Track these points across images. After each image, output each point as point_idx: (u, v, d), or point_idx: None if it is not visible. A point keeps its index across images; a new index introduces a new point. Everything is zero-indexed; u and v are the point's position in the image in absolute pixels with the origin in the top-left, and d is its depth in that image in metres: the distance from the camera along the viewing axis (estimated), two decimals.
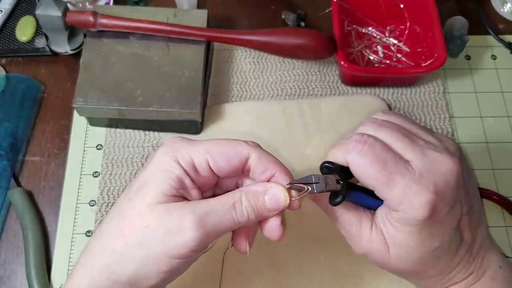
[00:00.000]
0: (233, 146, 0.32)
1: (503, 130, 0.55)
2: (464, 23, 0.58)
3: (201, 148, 0.31)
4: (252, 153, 0.32)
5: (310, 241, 0.48)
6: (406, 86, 0.57)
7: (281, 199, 0.31)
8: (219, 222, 0.30)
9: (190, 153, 0.31)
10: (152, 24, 0.51)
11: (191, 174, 0.31)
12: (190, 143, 0.32)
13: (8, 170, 0.51)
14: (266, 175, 0.32)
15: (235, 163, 0.32)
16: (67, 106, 0.55)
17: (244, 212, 0.31)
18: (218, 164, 0.31)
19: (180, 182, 0.31)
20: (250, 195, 0.31)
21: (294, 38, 0.51)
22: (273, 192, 0.31)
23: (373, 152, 0.32)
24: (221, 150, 0.31)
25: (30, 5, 0.60)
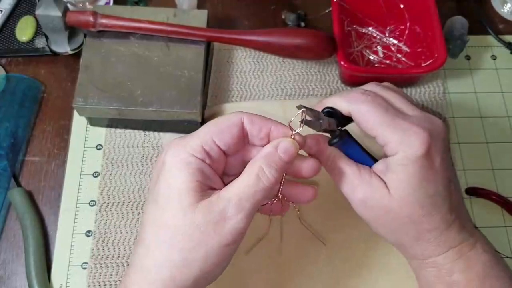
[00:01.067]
0: (226, 119, 0.34)
1: (503, 130, 0.55)
2: (464, 23, 0.58)
3: (203, 133, 0.33)
4: (243, 117, 0.34)
5: (310, 240, 0.48)
6: (406, 86, 0.57)
7: (292, 147, 0.34)
8: (253, 197, 0.32)
9: (197, 142, 0.33)
10: (152, 24, 0.51)
11: (208, 162, 0.33)
12: (191, 135, 0.34)
13: (8, 170, 0.51)
14: (263, 133, 0.35)
15: (235, 132, 0.34)
16: (67, 106, 0.55)
17: (270, 176, 0.33)
18: (223, 139, 0.33)
19: (202, 173, 0.32)
20: (266, 159, 0.33)
21: (294, 38, 0.51)
22: (283, 146, 0.34)
23: (375, 101, 0.36)
24: (219, 126, 0.34)
25: (30, 5, 0.60)
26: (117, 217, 0.49)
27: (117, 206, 0.50)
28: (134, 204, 0.50)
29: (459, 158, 0.53)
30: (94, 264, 0.47)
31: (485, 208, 0.51)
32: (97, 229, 0.49)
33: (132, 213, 0.50)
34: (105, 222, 0.49)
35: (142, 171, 0.52)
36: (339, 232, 0.48)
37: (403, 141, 0.35)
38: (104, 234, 0.49)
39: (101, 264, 0.47)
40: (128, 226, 0.49)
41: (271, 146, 0.34)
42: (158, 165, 0.34)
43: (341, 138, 0.37)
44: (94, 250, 0.48)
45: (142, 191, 0.51)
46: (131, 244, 0.48)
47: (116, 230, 0.49)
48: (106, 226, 0.49)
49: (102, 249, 0.48)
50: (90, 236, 0.49)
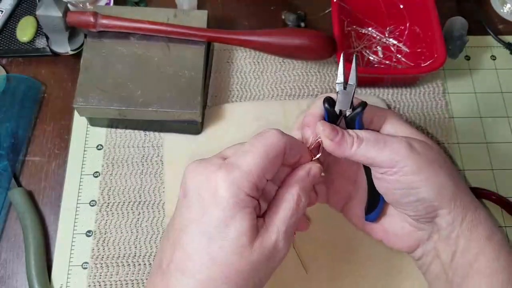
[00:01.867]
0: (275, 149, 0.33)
1: (502, 130, 0.56)
2: (464, 24, 0.58)
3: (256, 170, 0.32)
4: (286, 144, 0.34)
5: (310, 240, 0.48)
6: (406, 86, 0.57)
7: (318, 172, 0.36)
8: (294, 226, 0.34)
9: (252, 181, 0.32)
10: (153, 25, 0.51)
11: (256, 197, 0.33)
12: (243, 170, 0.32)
13: (8, 170, 0.51)
14: (294, 160, 0.36)
15: (280, 162, 0.34)
16: (68, 106, 0.55)
17: (304, 202, 0.34)
18: (272, 172, 0.33)
19: (256, 209, 0.33)
20: (300, 184, 0.35)
21: (294, 39, 0.51)
22: (313, 172, 0.36)
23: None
24: (269, 160, 0.33)
25: (30, 6, 0.60)
26: (118, 217, 0.50)
27: (118, 206, 0.50)
28: (135, 204, 0.50)
29: (459, 158, 0.54)
30: (95, 264, 0.48)
31: None
32: (97, 229, 0.49)
33: (133, 213, 0.50)
34: (106, 222, 0.49)
35: (143, 171, 0.52)
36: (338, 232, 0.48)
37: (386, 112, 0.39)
38: (105, 234, 0.49)
39: (101, 264, 0.48)
40: (129, 226, 0.49)
41: (305, 172, 0.35)
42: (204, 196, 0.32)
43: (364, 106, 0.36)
44: (95, 250, 0.48)
45: (142, 191, 0.51)
46: (132, 244, 0.48)
47: (117, 230, 0.49)
48: (106, 226, 0.49)
49: (103, 249, 0.48)
50: (91, 236, 0.49)
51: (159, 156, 0.53)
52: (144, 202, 0.50)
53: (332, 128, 0.36)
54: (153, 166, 0.52)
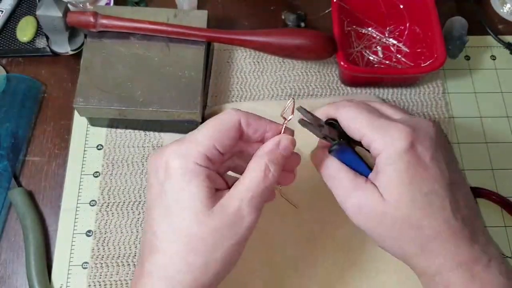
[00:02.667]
0: (225, 122, 0.35)
1: (502, 130, 0.56)
2: (464, 24, 0.58)
3: (205, 140, 0.34)
4: (241, 119, 0.35)
5: (309, 240, 0.48)
6: (406, 86, 0.57)
7: (291, 144, 0.36)
8: (262, 193, 0.34)
9: (201, 150, 0.33)
10: (153, 25, 0.51)
11: (210, 167, 0.34)
12: (192, 142, 0.34)
13: (8, 170, 0.51)
14: (258, 134, 0.36)
15: (234, 134, 0.35)
16: (68, 106, 0.55)
17: (274, 172, 0.34)
18: (223, 143, 0.34)
19: (209, 179, 0.33)
20: (269, 156, 0.35)
21: (294, 39, 0.51)
22: (283, 144, 0.36)
23: (360, 105, 0.37)
24: (218, 131, 0.34)
25: (30, 6, 0.60)
26: (118, 217, 0.50)
27: (118, 206, 0.50)
28: (135, 204, 0.50)
29: (459, 158, 0.54)
30: (95, 264, 0.48)
31: (485, 208, 0.51)
32: (97, 229, 0.49)
33: (133, 213, 0.50)
34: (106, 222, 0.49)
35: (143, 171, 0.52)
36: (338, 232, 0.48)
37: (385, 139, 0.35)
38: (105, 234, 0.49)
39: (101, 264, 0.48)
40: (129, 226, 0.49)
41: (273, 144, 0.35)
42: (158, 175, 0.34)
43: (340, 145, 0.37)
44: (95, 250, 0.48)
45: (142, 191, 0.51)
46: (132, 244, 0.48)
47: (117, 230, 0.49)
48: (106, 226, 0.49)
49: (103, 248, 0.48)
50: (91, 236, 0.49)
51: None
52: (144, 202, 0.50)
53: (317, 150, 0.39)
54: None
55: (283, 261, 0.47)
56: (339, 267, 0.47)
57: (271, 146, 0.35)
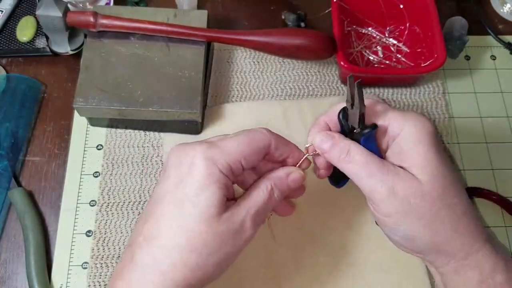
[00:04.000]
0: (258, 141, 0.36)
1: (502, 130, 0.56)
2: (464, 24, 0.58)
3: (235, 153, 0.34)
4: (271, 141, 0.36)
5: (309, 240, 0.48)
6: (406, 86, 0.57)
7: (300, 179, 0.37)
8: (264, 213, 0.36)
9: (227, 160, 0.34)
10: (153, 25, 0.51)
11: (230, 177, 0.34)
12: (222, 149, 0.34)
13: (8, 170, 0.51)
14: (281, 159, 0.37)
15: (262, 156, 0.36)
16: (68, 106, 0.55)
17: (277, 198, 0.36)
18: (250, 161, 0.35)
19: (227, 188, 0.34)
20: (278, 182, 0.36)
21: (294, 39, 0.51)
22: (293, 177, 0.37)
23: None
24: (250, 148, 0.35)
25: (30, 6, 0.60)
26: (118, 217, 0.50)
27: (118, 206, 0.50)
28: (135, 204, 0.50)
29: (459, 158, 0.54)
30: (95, 264, 0.48)
31: (485, 208, 0.51)
32: (97, 229, 0.49)
33: (133, 213, 0.50)
34: (106, 222, 0.49)
35: (143, 171, 0.52)
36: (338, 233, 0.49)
37: (406, 118, 0.36)
38: (105, 234, 0.49)
39: (101, 264, 0.48)
40: (129, 226, 0.49)
41: (284, 173, 0.37)
42: (182, 167, 0.34)
43: (373, 129, 0.36)
44: (95, 250, 0.48)
45: (142, 191, 0.51)
46: None
47: (117, 230, 0.49)
48: (106, 226, 0.49)
49: (103, 249, 0.48)
50: (91, 236, 0.49)
51: (159, 156, 0.53)
52: (144, 202, 0.50)
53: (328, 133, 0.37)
54: (153, 166, 0.52)
55: (283, 262, 0.47)
56: (338, 267, 0.47)
57: (281, 174, 0.37)
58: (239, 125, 0.53)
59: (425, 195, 0.34)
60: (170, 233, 0.33)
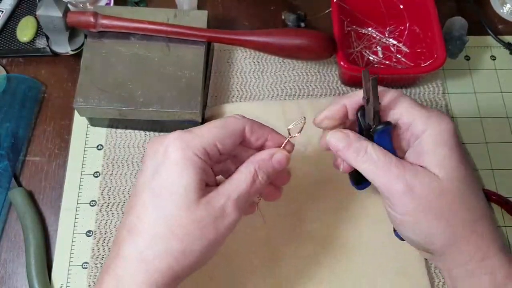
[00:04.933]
0: (230, 125, 0.36)
1: (502, 130, 0.56)
2: (464, 24, 0.58)
3: (209, 136, 0.34)
4: (246, 125, 0.36)
5: (310, 240, 0.48)
6: (406, 86, 0.57)
7: (285, 160, 0.37)
8: (248, 196, 0.35)
9: (202, 144, 0.34)
10: (153, 25, 0.51)
11: (207, 162, 0.34)
12: (196, 134, 0.35)
13: (9, 170, 0.51)
14: (260, 142, 0.37)
15: (237, 138, 0.36)
16: (68, 106, 0.55)
17: (262, 180, 0.36)
18: (225, 144, 0.35)
19: (204, 172, 0.34)
20: (261, 165, 0.36)
21: (294, 39, 0.51)
22: (277, 157, 0.37)
23: None
24: (224, 132, 0.35)
25: (30, 6, 0.60)
26: (118, 217, 0.50)
27: (118, 206, 0.50)
28: None
29: None
30: (95, 264, 0.48)
31: None
32: (97, 229, 0.49)
33: None
34: (106, 222, 0.49)
35: None
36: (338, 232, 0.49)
37: (430, 117, 0.35)
38: (105, 234, 0.49)
39: (101, 264, 0.48)
40: None
41: (267, 154, 0.37)
42: (156, 157, 0.34)
43: (387, 125, 0.36)
44: (95, 250, 0.48)
45: None
46: None
47: (117, 230, 0.49)
48: (106, 226, 0.49)
49: (103, 249, 0.48)
50: (91, 236, 0.49)
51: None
52: None
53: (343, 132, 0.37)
54: None
55: (285, 260, 0.47)
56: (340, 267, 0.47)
57: (264, 156, 0.37)
58: None
59: (444, 193, 0.34)
60: (150, 222, 0.33)
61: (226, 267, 0.47)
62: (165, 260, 0.32)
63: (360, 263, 0.47)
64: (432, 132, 0.35)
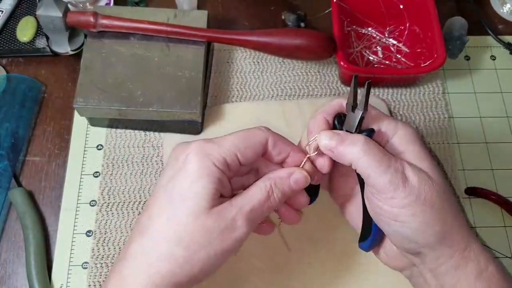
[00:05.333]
0: (253, 136, 0.35)
1: (502, 130, 0.56)
2: (464, 24, 0.58)
3: (230, 146, 0.34)
4: (269, 138, 0.36)
5: (311, 242, 0.48)
6: (406, 86, 0.57)
7: (303, 181, 0.36)
8: (261, 212, 0.35)
9: (222, 154, 0.34)
10: (153, 25, 0.51)
11: (226, 173, 0.34)
12: (217, 144, 0.35)
13: (9, 170, 0.51)
14: (281, 157, 0.37)
15: (259, 151, 0.36)
16: (68, 106, 0.55)
17: (276, 198, 0.35)
18: (246, 156, 0.35)
19: (220, 183, 0.34)
20: (278, 182, 0.35)
21: (294, 39, 0.51)
22: (295, 177, 0.36)
23: None
24: (246, 143, 0.35)
25: (30, 6, 0.60)
26: (118, 217, 0.50)
27: (118, 206, 0.50)
28: (135, 204, 0.50)
29: (459, 158, 0.54)
30: (95, 264, 0.48)
31: (485, 208, 0.51)
32: (97, 229, 0.49)
33: (133, 213, 0.50)
34: (106, 222, 0.49)
35: (143, 171, 0.52)
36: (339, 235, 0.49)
37: (397, 123, 0.37)
38: (105, 234, 0.49)
39: (101, 264, 0.48)
40: (129, 226, 0.49)
41: (286, 172, 0.36)
42: (176, 163, 0.34)
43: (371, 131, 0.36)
44: (95, 250, 0.48)
45: (142, 191, 0.51)
46: None
47: (117, 230, 0.49)
48: (106, 226, 0.49)
49: (103, 248, 0.48)
50: (91, 236, 0.49)
51: (159, 156, 0.53)
52: (144, 202, 0.50)
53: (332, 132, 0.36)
54: (153, 166, 0.52)
55: (286, 263, 0.47)
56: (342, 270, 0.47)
57: (282, 174, 0.36)
58: (239, 125, 0.53)
59: (434, 182, 0.35)
60: (159, 225, 0.33)
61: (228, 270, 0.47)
62: (167, 264, 0.32)
63: (363, 264, 0.47)
64: (403, 133, 0.36)
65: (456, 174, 0.52)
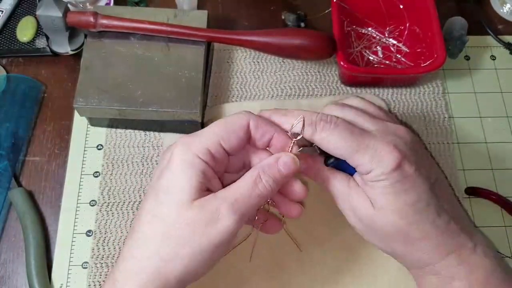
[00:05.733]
0: (234, 121, 0.35)
1: (502, 130, 0.56)
2: (464, 24, 0.58)
3: (211, 135, 0.34)
4: (250, 120, 0.35)
5: (313, 241, 0.48)
6: (406, 86, 0.57)
7: (292, 163, 0.36)
8: (248, 201, 0.33)
9: (204, 145, 0.34)
10: (153, 25, 0.51)
11: (211, 164, 0.34)
12: (198, 135, 0.34)
13: (8, 170, 0.51)
14: (266, 139, 0.36)
15: (241, 135, 0.35)
16: (68, 106, 0.55)
17: (266, 185, 0.34)
18: (229, 142, 0.34)
19: (204, 175, 0.33)
20: (265, 168, 0.35)
21: (294, 39, 0.51)
22: (283, 160, 0.35)
23: (339, 127, 0.36)
24: (227, 129, 0.34)
25: (30, 6, 0.60)
26: (118, 217, 0.50)
27: (118, 206, 0.50)
28: (135, 204, 0.50)
29: (459, 158, 0.54)
30: (95, 264, 0.48)
31: (485, 208, 0.51)
32: (97, 228, 0.49)
33: (133, 213, 0.50)
34: (106, 222, 0.49)
35: (143, 171, 0.52)
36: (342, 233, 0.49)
37: (373, 161, 0.35)
38: (105, 233, 0.49)
39: (101, 264, 0.48)
40: (129, 225, 0.49)
41: (273, 158, 0.36)
42: (163, 162, 0.35)
43: (337, 159, 0.38)
44: (95, 250, 0.48)
45: (142, 191, 0.51)
46: None
47: (117, 229, 0.49)
48: (106, 226, 0.49)
49: (103, 248, 0.48)
50: (91, 235, 0.49)
51: (159, 156, 0.53)
52: None
53: None
54: (153, 166, 0.52)
55: (288, 261, 0.47)
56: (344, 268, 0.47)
57: (270, 160, 0.36)
58: None
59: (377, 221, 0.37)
60: (146, 223, 0.33)
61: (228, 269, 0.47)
62: (153, 261, 0.32)
63: (362, 263, 0.47)
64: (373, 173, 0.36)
65: (456, 174, 0.52)
